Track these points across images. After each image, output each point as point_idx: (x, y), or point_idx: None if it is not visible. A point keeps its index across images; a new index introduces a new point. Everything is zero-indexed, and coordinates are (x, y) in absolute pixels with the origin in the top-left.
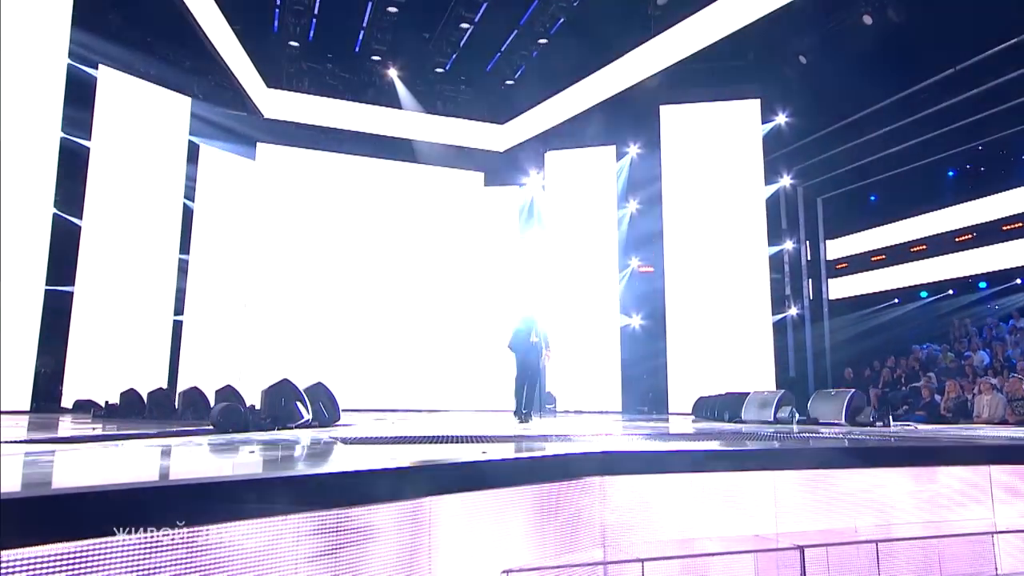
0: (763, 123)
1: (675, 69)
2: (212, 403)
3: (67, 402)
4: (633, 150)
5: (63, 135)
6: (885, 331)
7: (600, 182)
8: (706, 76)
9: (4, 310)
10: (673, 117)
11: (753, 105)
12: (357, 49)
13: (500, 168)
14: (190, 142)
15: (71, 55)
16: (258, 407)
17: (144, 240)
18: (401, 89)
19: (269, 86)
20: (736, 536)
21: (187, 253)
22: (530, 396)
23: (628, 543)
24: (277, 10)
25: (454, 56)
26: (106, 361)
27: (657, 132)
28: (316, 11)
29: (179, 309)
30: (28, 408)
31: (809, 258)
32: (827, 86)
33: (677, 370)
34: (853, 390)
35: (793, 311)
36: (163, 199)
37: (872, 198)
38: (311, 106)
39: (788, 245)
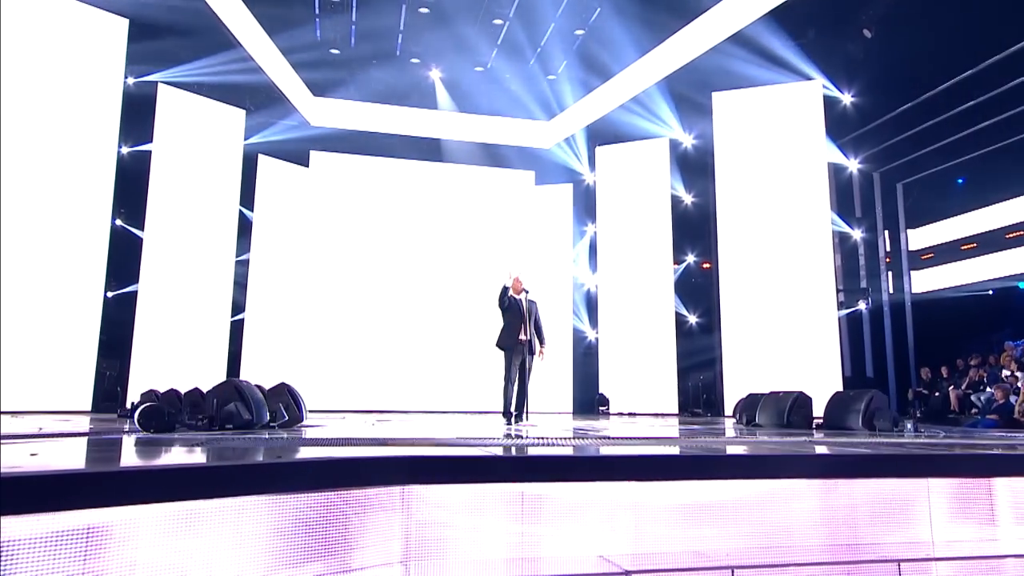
0: (827, 105)
1: (727, 52)
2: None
3: (130, 403)
4: (687, 141)
5: (129, 150)
6: (976, 327)
7: (653, 175)
8: (762, 58)
9: (66, 317)
10: (727, 104)
11: (814, 87)
12: (398, 53)
13: (551, 166)
14: (249, 153)
15: (132, 75)
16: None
17: (203, 248)
18: (442, 91)
19: (315, 95)
20: (576, 557)
21: (247, 259)
22: (520, 396)
23: (436, 564)
24: (317, 19)
25: (493, 54)
26: (168, 363)
27: (710, 121)
28: (354, 18)
29: (238, 312)
30: (89, 409)
31: (888, 248)
32: (898, 60)
33: (733, 371)
34: (873, 391)
35: (862, 306)
36: (221, 208)
37: (959, 181)
38: (358, 112)
39: (857, 234)
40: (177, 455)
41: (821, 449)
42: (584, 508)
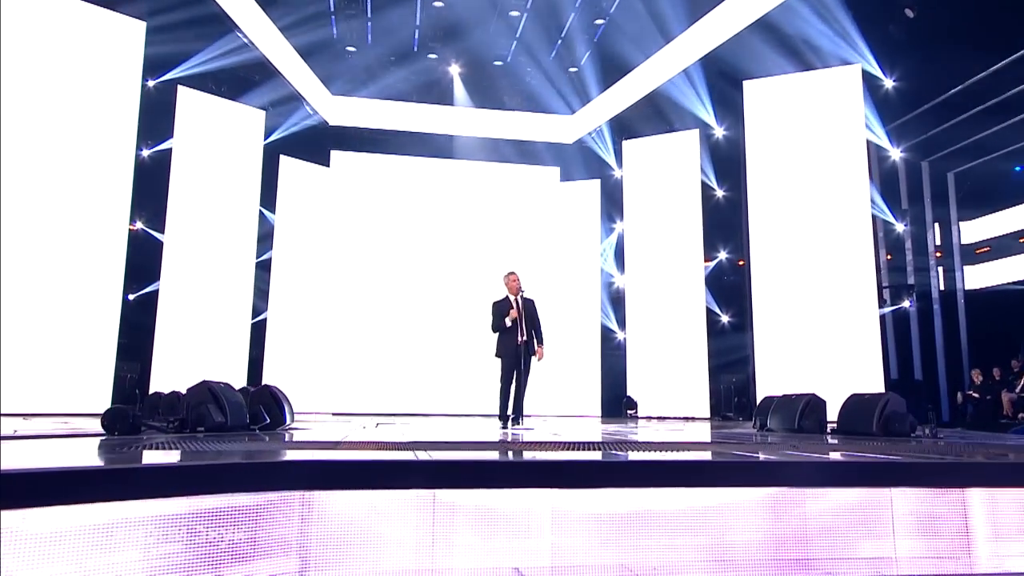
0: (868, 91)
1: (759, 37)
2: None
3: None
4: (717, 132)
5: (149, 152)
6: None
7: (683, 169)
8: (797, 42)
9: (85, 320)
10: (759, 92)
11: (853, 72)
12: (415, 49)
13: (576, 161)
14: (270, 154)
15: (150, 78)
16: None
17: (224, 250)
18: (461, 86)
19: (334, 93)
20: (490, 569)
21: (270, 261)
22: (518, 398)
23: (336, 575)
24: (332, 17)
25: (512, 47)
26: (189, 366)
27: (741, 110)
28: (369, 13)
29: (261, 314)
30: None
31: (939, 242)
32: (944, 40)
33: (767, 372)
34: (889, 394)
35: (906, 303)
36: (242, 210)
37: (1017, 169)
38: (377, 110)
39: (901, 227)
40: (76, 457)
41: (796, 455)
42: (500, 516)
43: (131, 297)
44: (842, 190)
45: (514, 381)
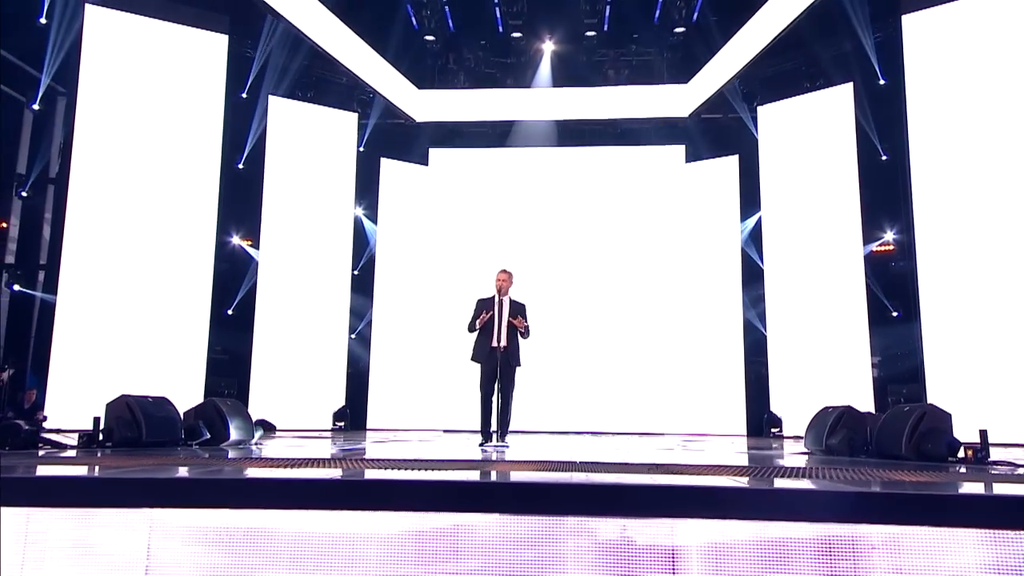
0: None
1: None
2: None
3: None
4: (877, 84)
5: (243, 167)
6: None
7: (833, 135)
8: None
9: (175, 336)
10: (921, 27)
11: None
12: (500, 30)
13: (702, 137)
14: (370, 158)
15: (235, 91)
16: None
17: (321, 260)
18: (551, 65)
19: (420, 88)
20: None
21: (372, 268)
22: (501, 412)
23: None
24: (409, 6)
25: (607, 14)
26: (288, 380)
27: (901, 53)
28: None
29: (364, 326)
30: None
31: None
32: None
33: (944, 381)
34: (927, 405)
35: None
36: (340, 218)
37: None
38: (469, 101)
39: None
40: None
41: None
42: (94, 539)
43: (229, 312)
44: None
45: (496, 392)
